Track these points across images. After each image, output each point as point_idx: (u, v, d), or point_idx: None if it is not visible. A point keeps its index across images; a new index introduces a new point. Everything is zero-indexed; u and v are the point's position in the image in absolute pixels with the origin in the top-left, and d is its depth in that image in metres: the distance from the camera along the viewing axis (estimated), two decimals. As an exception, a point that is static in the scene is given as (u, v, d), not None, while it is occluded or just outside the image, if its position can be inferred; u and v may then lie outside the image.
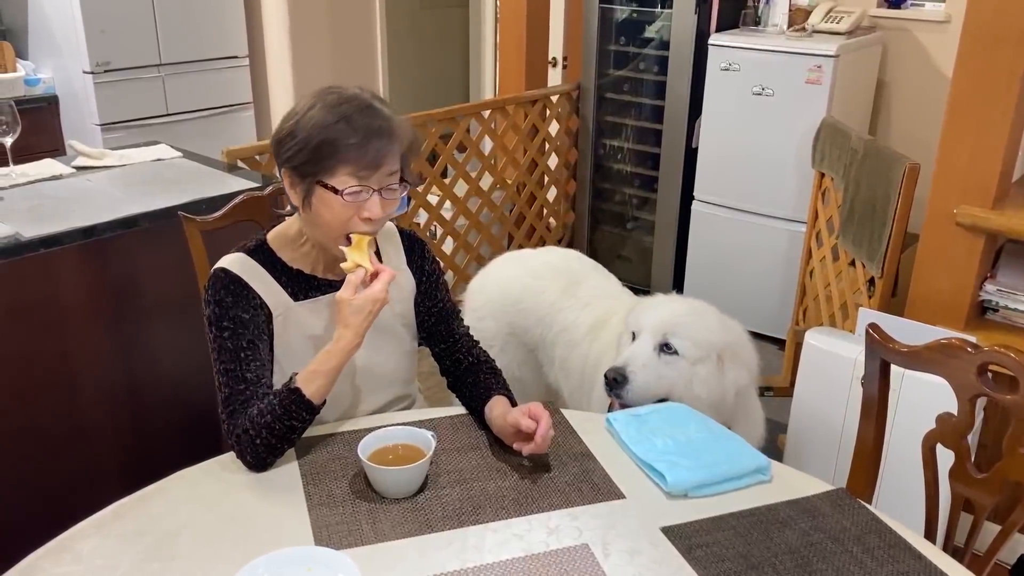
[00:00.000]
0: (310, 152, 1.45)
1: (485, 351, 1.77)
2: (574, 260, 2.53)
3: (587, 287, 2.39)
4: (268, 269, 1.57)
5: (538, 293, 2.41)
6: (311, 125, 1.44)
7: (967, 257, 2.45)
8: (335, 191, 1.45)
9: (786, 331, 3.52)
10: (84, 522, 1.33)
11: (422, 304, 1.73)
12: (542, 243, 4.29)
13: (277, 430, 1.44)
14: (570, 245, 4.45)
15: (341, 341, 1.47)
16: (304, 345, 1.59)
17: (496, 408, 1.57)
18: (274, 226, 1.65)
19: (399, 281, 1.68)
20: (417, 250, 1.73)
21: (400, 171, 1.52)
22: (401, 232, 1.73)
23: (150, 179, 2.52)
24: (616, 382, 1.84)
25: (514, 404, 1.59)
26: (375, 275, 1.49)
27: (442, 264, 3.65)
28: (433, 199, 3.70)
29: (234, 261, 1.56)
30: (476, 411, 1.64)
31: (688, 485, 1.42)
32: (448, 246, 3.84)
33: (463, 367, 1.72)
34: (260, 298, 1.55)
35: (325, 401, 1.50)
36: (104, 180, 2.51)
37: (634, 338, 1.94)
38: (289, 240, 1.61)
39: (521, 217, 4.14)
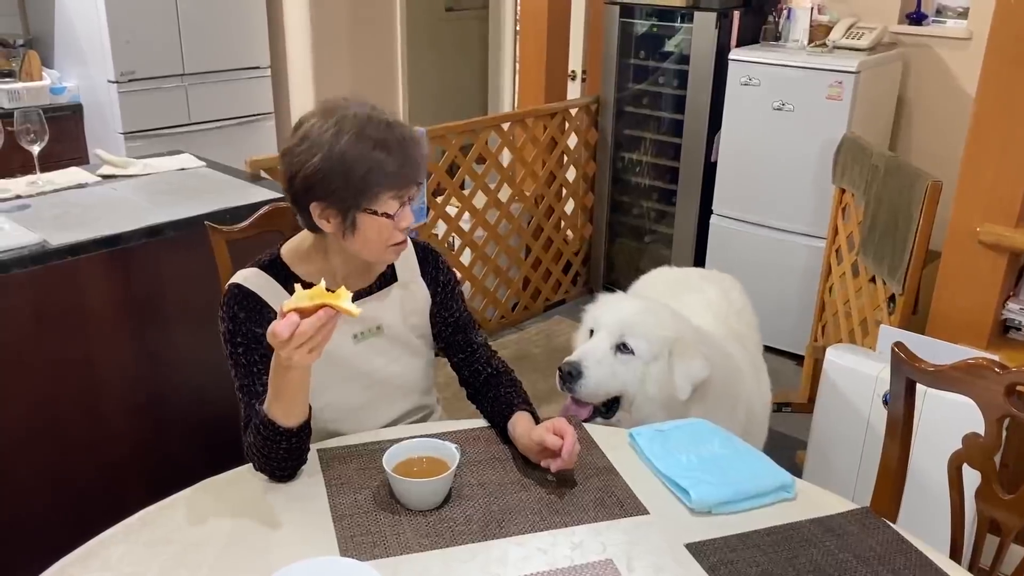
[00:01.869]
0: (356, 183, 1.45)
1: (504, 361, 1.77)
2: (702, 277, 2.56)
3: (691, 298, 2.39)
4: (282, 284, 1.57)
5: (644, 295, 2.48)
6: (347, 157, 1.44)
7: (990, 275, 2.44)
8: (387, 216, 1.48)
9: (804, 347, 3.51)
10: (112, 529, 1.34)
11: (438, 315, 1.74)
12: (559, 256, 4.29)
13: (263, 449, 1.43)
14: (587, 258, 4.45)
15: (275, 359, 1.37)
16: (318, 360, 1.59)
17: (519, 425, 1.57)
18: (287, 240, 1.65)
19: (413, 292, 1.69)
20: (431, 261, 1.74)
21: None
22: (415, 244, 1.74)
23: (174, 188, 2.55)
24: (570, 376, 1.84)
25: (536, 419, 1.59)
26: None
27: (460, 275, 3.68)
28: (452, 211, 3.71)
29: (248, 276, 1.57)
30: (497, 424, 1.64)
31: (712, 502, 1.42)
32: (466, 257, 3.85)
33: (482, 378, 1.73)
34: (275, 313, 1.55)
35: (306, 421, 1.43)
36: (129, 189, 2.53)
37: (591, 335, 1.96)
38: (303, 254, 1.61)
39: (539, 229, 4.14)
